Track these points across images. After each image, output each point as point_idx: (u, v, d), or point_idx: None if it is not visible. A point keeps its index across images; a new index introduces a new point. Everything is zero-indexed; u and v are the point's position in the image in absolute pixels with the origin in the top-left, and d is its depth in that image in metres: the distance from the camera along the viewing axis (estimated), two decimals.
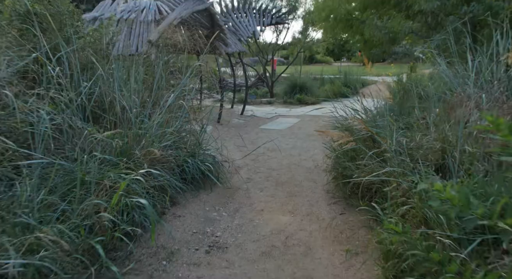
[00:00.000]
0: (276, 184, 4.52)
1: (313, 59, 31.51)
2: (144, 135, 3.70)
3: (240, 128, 8.37)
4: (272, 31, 14.24)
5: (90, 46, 4.47)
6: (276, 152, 6.07)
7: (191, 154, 4.15)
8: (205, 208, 3.70)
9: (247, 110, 10.79)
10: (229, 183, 4.40)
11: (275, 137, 7.34)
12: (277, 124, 9.05)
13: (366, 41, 9.34)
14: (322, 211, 3.63)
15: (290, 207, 3.75)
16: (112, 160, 3.13)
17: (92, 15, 8.33)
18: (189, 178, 3.94)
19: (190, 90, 4.44)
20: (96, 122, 3.83)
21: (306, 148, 6.37)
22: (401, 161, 3.05)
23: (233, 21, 10.40)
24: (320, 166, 5.18)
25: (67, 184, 2.72)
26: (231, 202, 3.93)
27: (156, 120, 3.88)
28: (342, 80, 16.20)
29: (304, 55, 17.99)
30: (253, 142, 6.89)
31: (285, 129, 8.33)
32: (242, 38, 10.25)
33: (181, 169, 3.91)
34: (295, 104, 12.64)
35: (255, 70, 16.09)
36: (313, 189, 4.29)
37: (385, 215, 2.81)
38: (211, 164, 4.21)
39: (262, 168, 5.19)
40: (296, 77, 14.47)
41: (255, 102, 12.90)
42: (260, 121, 9.45)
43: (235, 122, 9.20)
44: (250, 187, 4.39)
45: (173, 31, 7.79)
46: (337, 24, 9.01)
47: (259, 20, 10.80)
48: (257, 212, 3.67)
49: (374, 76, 19.69)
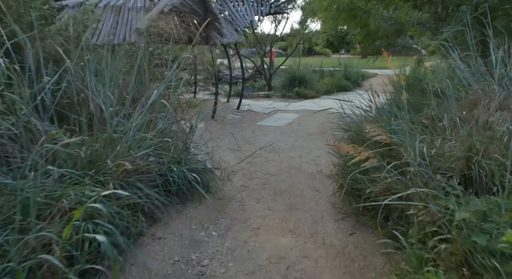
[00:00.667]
0: (274, 193, 3.97)
1: (312, 51, 30.83)
2: (120, 139, 3.14)
3: (236, 125, 7.81)
4: (271, 21, 13.58)
5: (61, 34, 3.88)
6: (274, 153, 5.52)
7: (177, 161, 3.59)
8: (192, 226, 3.15)
9: (244, 104, 10.22)
10: (220, 193, 3.85)
11: (273, 136, 6.79)
12: (275, 120, 8.48)
13: (369, 33, 8.75)
14: (328, 230, 3.09)
15: (291, 225, 3.21)
16: (76, 174, 2.57)
17: (76, 1, 7.70)
18: (174, 189, 3.38)
19: (177, 86, 3.86)
20: (63, 123, 3.26)
21: (307, 149, 5.82)
22: (427, 178, 2.50)
23: (229, 10, 9.76)
24: (323, 171, 4.64)
25: (12, 207, 2.16)
26: (223, 217, 3.38)
27: (135, 122, 3.32)
28: (342, 72, 15.63)
29: (303, 47, 17.37)
30: (249, 142, 6.34)
31: (283, 126, 7.77)
32: (239, 28, 9.63)
33: (165, 179, 3.35)
34: (294, 98, 12.06)
35: (253, 62, 15.47)
36: (316, 200, 3.74)
37: (409, 244, 2.29)
38: (200, 172, 3.66)
39: (258, 173, 4.64)
40: (295, 69, 13.87)
41: (252, 95, 12.32)
42: (257, 116, 8.88)
43: (230, 117, 8.63)
44: (244, 197, 3.85)
45: (163, 19, 7.18)
46: (340, 14, 8.40)
47: (257, 9, 10.16)
48: (253, 230, 3.12)
49: (374, 69, 19.14)
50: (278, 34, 13.86)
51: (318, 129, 7.34)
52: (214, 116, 8.34)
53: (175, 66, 3.77)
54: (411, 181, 2.55)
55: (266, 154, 5.52)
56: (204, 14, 7.89)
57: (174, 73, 3.84)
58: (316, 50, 33.00)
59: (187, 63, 11.17)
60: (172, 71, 3.75)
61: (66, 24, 4.00)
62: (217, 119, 8.27)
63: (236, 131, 7.22)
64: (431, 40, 7.53)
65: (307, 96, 12.23)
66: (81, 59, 3.77)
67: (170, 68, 3.90)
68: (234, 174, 4.56)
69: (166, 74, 3.95)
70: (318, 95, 12.64)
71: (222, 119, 8.30)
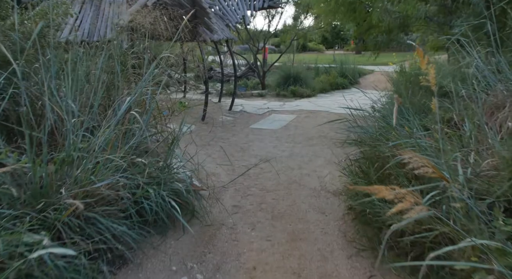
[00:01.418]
0: (272, 216, 3.37)
1: (305, 47, 30.18)
2: (82, 160, 2.51)
3: (228, 128, 7.19)
4: (264, 17, 12.92)
5: (20, 31, 3.24)
6: (270, 162, 4.93)
7: (156, 182, 2.97)
8: (171, 267, 2.54)
9: (237, 104, 9.61)
10: (209, 217, 3.24)
11: (269, 141, 6.19)
12: (270, 122, 7.88)
13: (370, 27, 8.15)
14: (341, 272, 2.50)
15: (295, 263, 2.61)
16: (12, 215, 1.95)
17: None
18: (150, 219, 2.77)
19: (155, 91, 3.24)
20: (11, 140, 2.64)
21: (306, 157, 5.22)
22: (471, 210, 1.92)
23: (220, 5, 9.11)
24: (327, 185, 4.06)
25: None
26: (211, 252, 2.77)
27: (103, 136, 2.69)
28: (338, 69, 15.03)
29: (298, 43, 16.73)
30: (243, 148, 5.73)
31: (279, 129, 7.17)
32: (230, 24, 8.99)
33: (140, 207, 2.74)
34: (289, 97, 11.46)
35: (245, 59, 14.83)
36: (323, 226, 3.15)
37: None
38: (183, 194, 3.05)
39: (253, 189, 4.04)
40: (289, 66, 13.26)
41: (245, 94, 11.69)
42: (251, 118, 8.27)
43: (222, 120, 8.01)
44: (237, 222, 3.25)
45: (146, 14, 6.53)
46: (338, 8, 7.81)
47: (249, 4, 9.52)
48: (247, 272, 2.52)
49: (369, 65, 18.59)
50: (271, 30, 13.21)
51: (317, 133, 6.75)
52: (204, 119, 7.72)
53: (152, 67, 3.14)
54: (451, 215, 1.97)
55: (261, 163, 4.93)
56: (192, 8, 7.25)
57: (151, 76, 3.21)
58: (310, 47, 32.38)
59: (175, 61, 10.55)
60: (149, 74, 3.12)
61: (21, 19, 3.36)
62: (207, 122, 7.65)
63: (228, 135, 6.61)
64: (439, 35, 6.95)
65: (302, 94, 11.63)
66: (43, 59, 3.15)
67: (146, 69, 3.27)
68: (225, 190, 3.95)
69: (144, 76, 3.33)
70: (314, 93, 12.05)
71: (213, 122, 7.68)
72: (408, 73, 9.48)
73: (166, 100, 3.68)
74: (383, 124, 3.55)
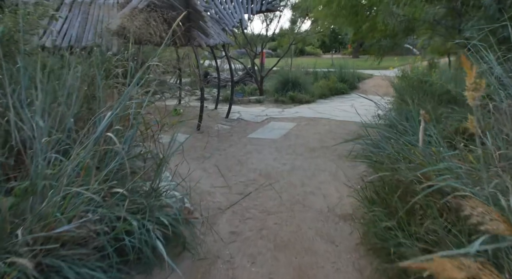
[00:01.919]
0: (274, 246, 2.96)
1: (303, 51, 29.84)
2: (49, 190, 2.10)
3: (225, 138, 6.78)
4: (262, 21, 12.53)
5: None
6: (270, 178, 4.53)
7: (140, 210, 2.56)
8: None
9: (234, 111, 9.20)
10: (202, 249, 2.83)
11: (268, 152, 5.78)
12: (269, 131, 7.47)
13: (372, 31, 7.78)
14: None
15: None
16: None
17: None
18: (133, 257, 2.35)
19: (140, 105, 2.82)
20: None
21: (309, 171, 4.81)
22: None
23: (216, 8, 8.72)
24: (334, 207, 3.65)
25: None
26: None
27: (75, 161, 2.28)
28: (337, 74, 14.66)
29: (295, 47, 16.37)
30: (240, 161, 5.32)
31: (279, 139, 6.76)
32: (227, 28, 8.59)
33: (121, 244, 2.32)
34: (287, 103, 11.06)
35: (242, 64, 14.44)
36: (334, 259, 2.74)
37: None
38: (172, 224, 2.64)
39: (253, 210, 3.63)
40: (287, 71, 12.87)
41: (243, 101, 11.28)
42: (249, 126, 7.85)
43: (218, 128, 7.59)
44: (235, 254, 2.83)
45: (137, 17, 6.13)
46: (340, 11, 7.44)
47: (246, 7, 9.13)
48: None
49: (368, 69, 18.24)
50: (269, 34, 12.82)
51: (319, 143, 6.35)
52: (199, 128, 7.31)
53: (136, 78, 2.72)
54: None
55: (261, 179, 4.52)
56: (185, 11, 6.86)
57: (137, 86, 2.80)
58: (307, 51, 32.09)
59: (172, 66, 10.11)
60: (133, 84, 2.71)
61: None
62: (203, 131, 7.24)
63: (225, 146, 6.20)
64: (446, 39, 6.59)
65: (301, 100, 11.24)
66: (12, 68, 2.76)
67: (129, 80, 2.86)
68: (221, 213, 3.54)
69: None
70: (313, 99, 11.66)
71: (209, 131, 7.27)
72: (411, 78, 9.13)
73: (155, 112, 3.26)
74: (397, 138, 3.15)
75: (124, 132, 2.77)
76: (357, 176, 4.09)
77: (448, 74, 8.31)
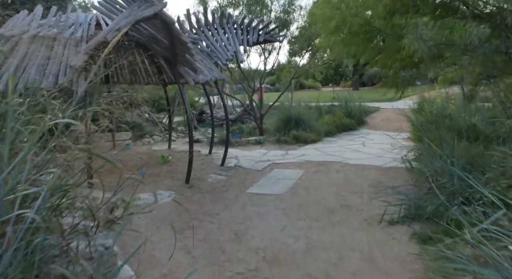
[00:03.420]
0: None
1: (302, 85, 28.96)
2: None
3: (219, 196, 5.46)
4: (259, 54, 11.49)
5: None
6: (279, 264, 3.20)
7: None
8: None
9: (231, 155, 7.93)
10: None
11: (273, 217, 4.45)
12: (273, 182, 6.16)
13: (389, 59, 6.65)
14: None
15: None
16: None
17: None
18: None
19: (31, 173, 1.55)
20: None
21: (332, 251, 3.47)
22: None
23: (207, 40, 7.63)
24: None
25: None
26: None
27: None
28: (343, 108, 13.53)
29: (296, 81, 15.34)
30: (237, 234, 3.99)
31: (286, 194, 5.45)
32: (220, 62, 7.45)
33: None
34: (291, 144, 9.82)
35: (239, 101, 13.33)
36: None
37: None
38: None
39: None
40: (288, 106, 11.73)
41: (241, 142, 10.04)
42: (248, 177, 6.55)
43: (212, 180, 6.28)
44: None
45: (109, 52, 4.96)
46: (353, 38, 6.32)
47: (242, 38, 8.06)
48: None
49: (373, 102, 17.14)
50: (268, 68, 11.74)
51: (336, 200, 5.04)
52: (189, 181, 6.01)
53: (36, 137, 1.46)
54: None
55: (265, 268, 3.18)
56: (169, 44, 5.74)
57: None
58: (307, 84, 31.30)
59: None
60: (30, 148, 1.44)
61: None
62: (193, 184, 5.94)
63: (218, 208, 4.87)
64: (484, 66, 5.42)
65: (307, 140, 10.02)
66: None
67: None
68: None
69: None
70: (319, 138, 10.45)
71: (200, 184, 5.97)
72: (430, 111, 7.92)
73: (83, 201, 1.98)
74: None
75: None
76: (404, 255, 2.77)
77: (469, 106, 7.15)
